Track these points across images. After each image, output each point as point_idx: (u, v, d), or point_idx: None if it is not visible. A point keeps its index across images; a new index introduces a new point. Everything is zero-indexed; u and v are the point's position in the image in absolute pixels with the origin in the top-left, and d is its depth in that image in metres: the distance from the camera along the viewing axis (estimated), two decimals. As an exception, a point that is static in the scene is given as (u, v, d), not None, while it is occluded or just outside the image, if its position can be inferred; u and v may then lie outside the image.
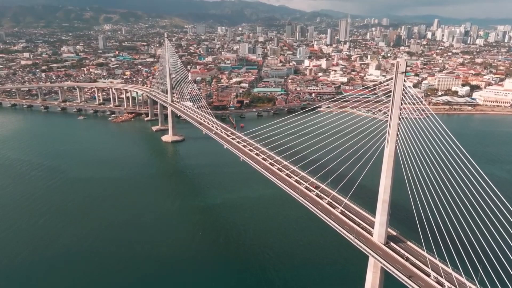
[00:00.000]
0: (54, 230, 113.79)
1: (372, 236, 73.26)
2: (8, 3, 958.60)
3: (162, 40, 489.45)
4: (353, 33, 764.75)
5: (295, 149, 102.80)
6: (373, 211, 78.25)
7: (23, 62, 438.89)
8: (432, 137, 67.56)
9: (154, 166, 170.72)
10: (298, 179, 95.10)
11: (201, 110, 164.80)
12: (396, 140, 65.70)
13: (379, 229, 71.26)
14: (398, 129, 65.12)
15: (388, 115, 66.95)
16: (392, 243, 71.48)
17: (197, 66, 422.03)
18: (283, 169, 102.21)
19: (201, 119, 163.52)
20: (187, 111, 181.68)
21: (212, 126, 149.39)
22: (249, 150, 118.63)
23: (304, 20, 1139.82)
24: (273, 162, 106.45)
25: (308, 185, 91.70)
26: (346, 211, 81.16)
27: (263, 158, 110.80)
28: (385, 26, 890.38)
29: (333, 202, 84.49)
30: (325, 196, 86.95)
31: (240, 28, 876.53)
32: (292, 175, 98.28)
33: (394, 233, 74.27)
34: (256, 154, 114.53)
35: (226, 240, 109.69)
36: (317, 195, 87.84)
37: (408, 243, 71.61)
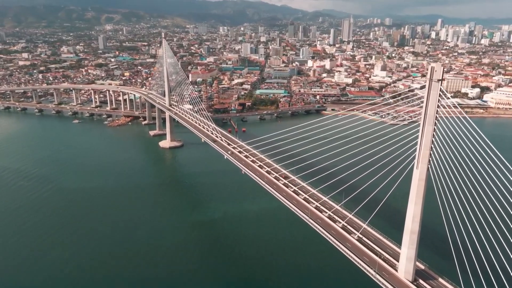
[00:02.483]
0: (39, 247, 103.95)
1: (397, 271, 62.65)
2: (9, 3, 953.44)
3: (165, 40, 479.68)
4: (355, 33, 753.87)
5: (302, 159, 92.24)
6: (394, 237, 67.91)
7: (21, 63, 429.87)
8: (468, 148, 56.39)
9: (150, 175, 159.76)
10: (307, 197, 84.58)
11: (199, 114, 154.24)
12: (429, 161, 54.97)
13: (406, 264, 60.57)
14: (432, 147, 54.38)
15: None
16: (421, 280, 60.81)
17: (198, 67, 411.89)
18: (289, 184, 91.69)
19: (200, 125, 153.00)
20: (186, 116, 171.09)
21: (212, 133, 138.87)
22: (252, 161, 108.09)
23: (306, 20, 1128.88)
24: (278, 176, 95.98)
25: (319, 205, 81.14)
26: (364, 238, 70.57)
27: (267, 171, 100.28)
28: (388, 26, 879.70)
29: (348, 226, 73.89)
30: (339, 218, 76.35)
31: (242, 28, 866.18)
32: (300, 191, 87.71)
33: (422, 267, 63.56)
34: (260, 166, 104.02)
35: (225, 260, 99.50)
36: (329, 217, 77.26)
37: (441, 280, 60.83)
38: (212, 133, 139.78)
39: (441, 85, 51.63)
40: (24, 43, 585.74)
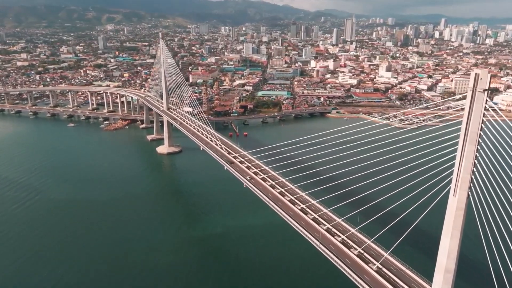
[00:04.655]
0: (19, 264, 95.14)
1: (426, 313, 53.56)
2: (10, 3, 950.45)
3: (163, 40, 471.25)
4: (358, 32, 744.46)
5: (310, 170, 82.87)
6: (419, 266, 58.63)
7: (19, 63, 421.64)
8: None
9: (146, 184, 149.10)
10: (317, 217, 75.37)
11: (197, 118, 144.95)
12: (470, 187, 45.65)
13: (439, 307, 51.34)
14: (474, 170, 45.04)
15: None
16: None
17: (199, 68, 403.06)
18: (296, 201, 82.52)
19: (198, 130, 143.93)
20: (185, 121, 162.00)
21: (211, 141, 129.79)
22: (254, 172, 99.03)
23: (308, 19, 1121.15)
24: (283, 191, 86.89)
25: (331, 227, 71.92)
26: (384, 268, 61.29)
27: (271, 185, 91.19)
28: (390, 25, 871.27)
29: (365, 254, 64.64)
30: (353, 244, 67.05)
31: (243, 28, 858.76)
32: (308, 210, 78.50)
33: (456, 308, 54.36)
34: (263, 178, 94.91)
35: (225, 281, 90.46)
36: (342, 242, 68.02)
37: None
38: (212, 140, 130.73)
39: (487, 96, 42.42)
40: (24, 43, 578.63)
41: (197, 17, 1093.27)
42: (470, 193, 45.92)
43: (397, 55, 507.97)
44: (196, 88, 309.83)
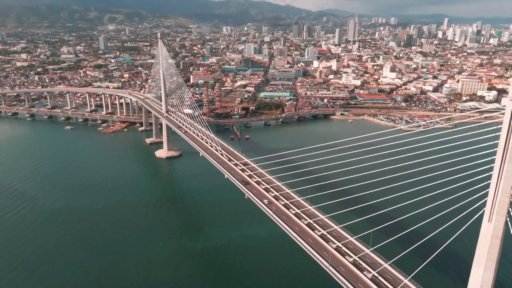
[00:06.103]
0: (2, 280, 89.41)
1: None
2: (12, 3, 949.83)
3: (165, 40, 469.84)
4: (360, 32, 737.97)
5: (317, 180, 76.99)
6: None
7: (18, 64, 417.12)
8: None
9: (143, 191, 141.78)
10: (325, 234, 69.13)
11: (195, 120, 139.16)
12: (509, 211, 39.40)
13: None
14: (513, 193, 38.78)
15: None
16: None
17: (200, 68, 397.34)
18: (302, 215, 76.36)
19: (198, 135, 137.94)
20: (184, 124, 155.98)
21: (211, 146, 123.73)
22: (257, 182, 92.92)
23: (310, 19, 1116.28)
24: (288, 203, 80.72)
25: (341, 245, 65.67)
26: (402, 295, 55.05)
27: (274, 196, 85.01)
28: (393, 25, 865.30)
29: (380, 278, 58.39)
30: (367, 266, 60.74)
31: (245, 28, 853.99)
32: (316, 226, 72.27)
33: None
34: (266, 189, 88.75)
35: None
36: (354, 263, 61.77)
37: None
38: (212, 146, 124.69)
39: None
40: (24, 43, 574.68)
41: (199, 17, 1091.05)
42: (508, 218, 39.73)
43: (401, 55, 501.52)
44: (197, 89, 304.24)
